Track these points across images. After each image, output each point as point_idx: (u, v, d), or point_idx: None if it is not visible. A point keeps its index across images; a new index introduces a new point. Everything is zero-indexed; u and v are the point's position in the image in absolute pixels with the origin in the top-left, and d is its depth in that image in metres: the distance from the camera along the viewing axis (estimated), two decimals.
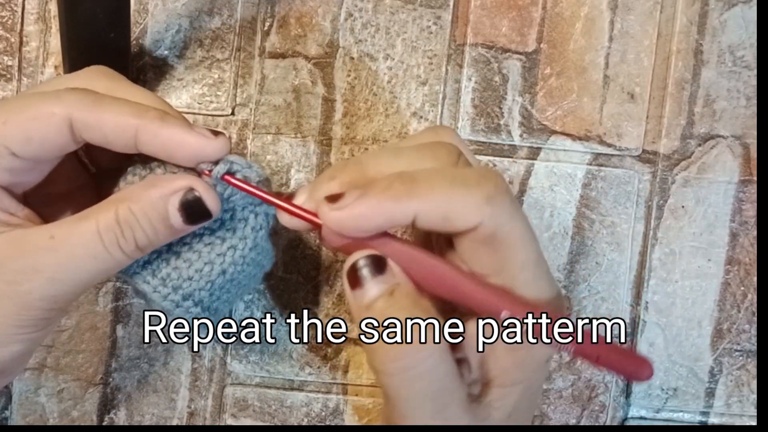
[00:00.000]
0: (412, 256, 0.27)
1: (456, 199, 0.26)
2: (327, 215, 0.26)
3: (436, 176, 0.26)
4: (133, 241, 0.27)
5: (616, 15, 0.41)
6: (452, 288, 0.27)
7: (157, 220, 0.27)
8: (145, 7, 0.39)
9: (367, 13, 0.40)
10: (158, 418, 0.41)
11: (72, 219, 0.27)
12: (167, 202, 0.27)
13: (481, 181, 0.26)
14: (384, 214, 0.26)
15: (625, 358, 0.27)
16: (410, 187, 0.26)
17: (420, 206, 0.25)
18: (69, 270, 0.27)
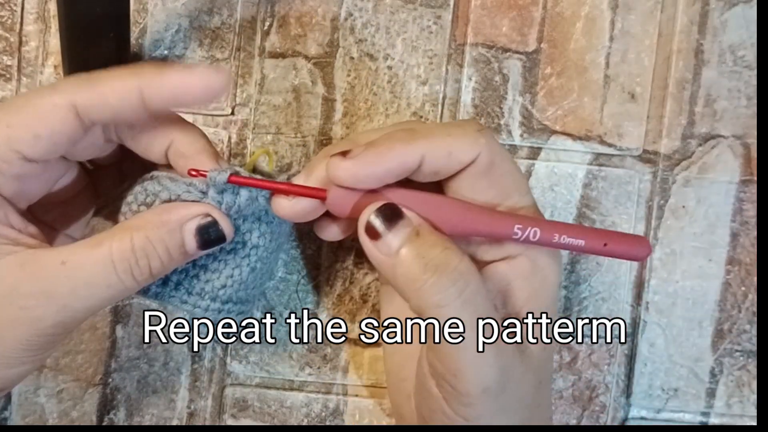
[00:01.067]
0: (422, 198, 0.28)
1: (454, 136, 0.28)
2: (339, 167, 0.27)
3: (430, 125, 0.29)
4: (148, 269, 0.27)
5: (617, 15, 0.41)
6: (464, 220, 0.28)
7: (173, 247, 0.27)
8: (145, 7, 0.39)
9: (367, 12, 0.40)
10: (158, 418, 0.41)
11: (85, 245, 0.27)
12: (183, 229, 0.27)
13: (467, 121, 0.29)
14: (395, 157, 0.27)
15: (627, 239, 0.29)
16: (412, 133, 0.28)
17: (426, 146, 0.27)
18: (81, 297, 0.27)
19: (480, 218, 0.28)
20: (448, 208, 0.28)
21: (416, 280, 0.27)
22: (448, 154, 0.28)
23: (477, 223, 0.28)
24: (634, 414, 0.42)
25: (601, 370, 0.42)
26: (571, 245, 0.28)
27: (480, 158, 0.28)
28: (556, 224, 0.28)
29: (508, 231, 0.28)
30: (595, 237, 0.29)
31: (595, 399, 0.42)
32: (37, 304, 0.27)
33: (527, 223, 0.28)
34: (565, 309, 0.41)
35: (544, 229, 0.28)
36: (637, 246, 0.29)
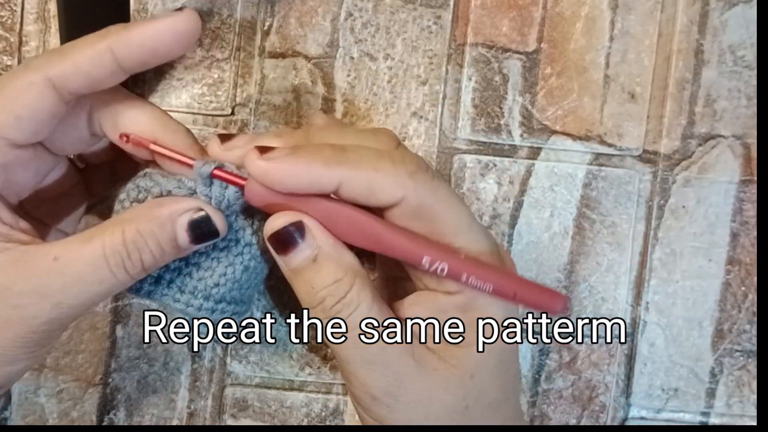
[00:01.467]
0: (334, 210, 0.27)
1: (381, 172, 0.27)
2: (253, 164, 0.26)
3: (364, 150, 0.27)
4: (140, 263, 0.27)
5: (617, 15, 0.41)
6: (376, 240, 0.27)
7: (165, 241, 0.27)
8: (145, 7, 0.39)
9: (367, 12, 0.40)
10: (158, 418, 0.41)
11: (76, 240, 0.27)
12: (175, 223, 0.27)
13: (405, 158, 0.27)
14: (310, 175, 0.26)
15: (540, 293, 0.28)
16: (340, 155, 0.26)
17: (346, 174, 0.26)
18: (74, 294, 0.27)
19: (389, 238, 0.27)
20: (361, 225, 0.27)
21: (306, 303, 0.28)
22: (368, 190, 0.27)
23: (386, 242, 0.27)
24: (634, 414, 0.42)
25: (601, 370, 0.42)
26: (478, 287, 0.27)
27: (405, 202, 0.27)
28: (469, 264, 0.27)
29: (416, 260, 0.27)
30: (506, 285, 0.27)
31: (595, 399, 0.42)
32: (31, 302, 0.26)
33: (436, 257, 0.27)
34: None
35: (452, 266, 0.27)
36: (550, 301, 0.28)
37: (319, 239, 0.27)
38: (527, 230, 0.41)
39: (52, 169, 0.31)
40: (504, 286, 0.28)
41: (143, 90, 0.39)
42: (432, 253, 0.27)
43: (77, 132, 0.29)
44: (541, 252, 0.41)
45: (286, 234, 0.27)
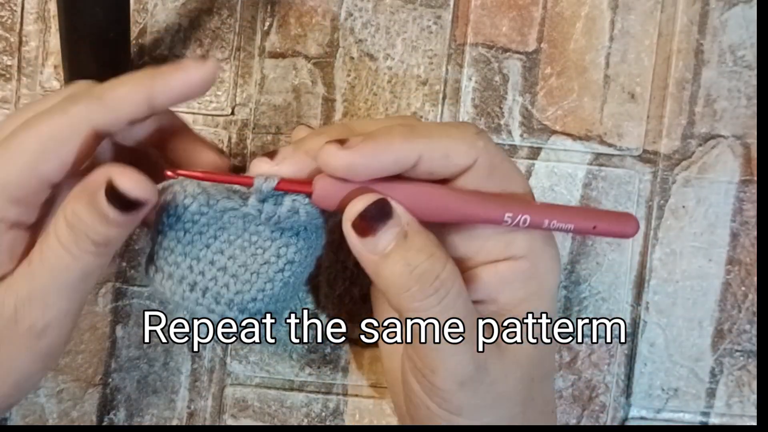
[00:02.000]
0: (411, 189, 0.27)
1: (452, 138, 0.27)
2: (335, 156, 0.26)
3: (428, 124, 0.29)
4: (89, 240, 0.26)
5: (617, 15, 0.41)
6: (457, 209, 0.28)
7: (95, 214, 0.26)
8: (145, 7, 0.39)
9: (367, 12, 0.40)
10: (158, 418, 0.41)
11: (40, 239, 0.27)
12: (98, 195, 0.26)
13: (465, 124, 0.29)
14: (393, 153, 0.26)
15: (616, 218, 0.30)
16: (412, 130, 0.27)
17: (425, 145, 0.27)
18: (53, 290, 0.27)
19: (469, 205, 0.28)
20: (436, 197, 0.28)
21: (400, 287, 0.27)
22: (445, 156, 0.27)
23: (467, 209, 0.28)
24: (634, 414, 0.42)
25: (601, 370, 0.42)
26: (561, 229, 0.29)
27: (478, 163, 0.27)
28: (545, 209, 0.28)
29: (498, 218, 0.28)
30: (585, 219, 0.29)
31: (595, 399, 0.42)
32: (24, 316, 0.27)
33: (517, 210, 0.28)
34: (565, 309, 0.41)
35: (534, 215, 0.28)
36: (625, 224, 0.29)
37: (403, 217, 0.27)
38: None
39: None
40: (583, 221, 0.29)
41: None
42: (512, 208, 0.28)
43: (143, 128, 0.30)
44: None
45: (372, 213, 0.26)
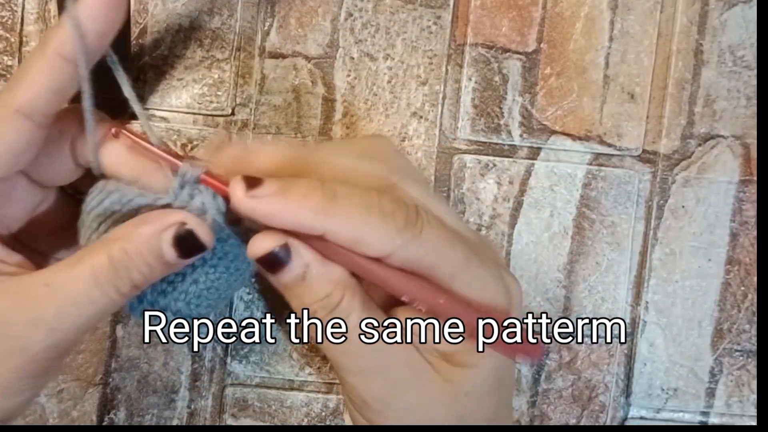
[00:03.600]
0: (320, 241, 0.27)
1: (370, 226, 0.26)
2: (240, 199, 0.26)
3: (355, 196, 0.26)
4: (129, 281, 0.27)
5: (617, 15, 0.41)
6: (360, 272, 0.27)
7: (152, 258, 0.27)
8: (145, 7, 0.39)
9: (367, 13, 0.40)
10: (158, 418, 0.41)
11: (65, 264, 0.27)
12: (160, 239, 0.27)
13: (396, 210, 0.26)
14: (295, 221, 0.26)
15: (516, 347, 0.28)
16: (329, 202, 0.26)
17: (333, 226, 0.26)
18: (69, 318, 0.26)
19: (373, 276, 0.27)
20: (346, 259, 0.27)
21: (296, 311, 0.28)
22: (354, 242, 0.26)
23: (370, 278, 0.27)
24: (634, 414, 0.42)
25: (600, 370, 0.42)
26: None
27: (393, 257, 0.26)
28: (447, 306, 0.27)
29: (398, 296, 0.27)
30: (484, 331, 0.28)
31: (595, 399, 0.42)
32: (26, 332, 0.26)
33: (416, 297, 0.27)
34: (565, 309, 0.41)
35: (430, 308, 0.27)
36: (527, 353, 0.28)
37: (306, 257, 0.27)
38: (527, 230, 0.41)
39: (42, 201, 0.30)
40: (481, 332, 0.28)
41: (143, 91, 0.40)
42: (412, 293, 0.27)
43: (62, 164, 0.29)
44: (540, 252, 0.41)
45: (272, 257, 0.27)
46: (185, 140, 0.40)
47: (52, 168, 0.29)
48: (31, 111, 0.26)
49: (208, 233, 0.27)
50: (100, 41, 0.26)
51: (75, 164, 0.30)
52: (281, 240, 0.26)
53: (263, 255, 0.26)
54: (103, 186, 0.29)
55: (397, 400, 0.28)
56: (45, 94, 0.26)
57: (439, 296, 0.27)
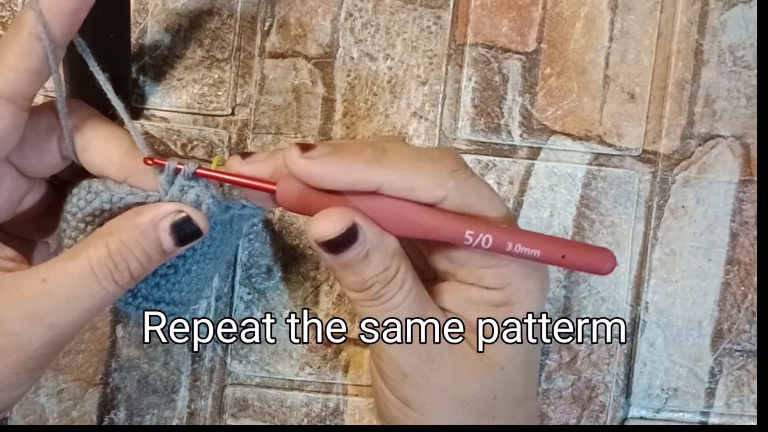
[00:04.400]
0: (373, 203, 0.27)
1: (422, 173, 0.26)
2: (295, 161, 0.26)
3: (404, 149, 0.27)
4: (128, 272, 0.27)
5: (616, 15, 0.41)
6: (417, 224, 0.27)
7: (150, 247, 0.27)
8: (145, 7, 0.39)
9: (367, 13, 0.40)
10: (158, 418, 0.41)
11: (61, 259, 0.27)
12: (158, 228, 0.27)
13: (444, 156, 0.27)
14: (352, 175, 0.26)
15: (589, 251, 0.27)
16: (381, 155, 0.26)
17: (388, 176, 0.26)
18: (67, 313, 0.27)
19: (432, 223, 0.27)
20: (400, 213, 0.27)
21: (350, 288, 0.28)
22: (410, 190, 0.26)
23: (428, 228, 0.27)
24: (634, 414, 0.42)
25: (600, 370, 0.42)
26: (525, 255, 0.27)
27: (448, 200, 0.27)
28: (511, 232, 0.27)
29: (459, 237, 0.27)
30: (553, 247, 0.27)
31: (595, 399, 0.42)
32: (24, 328, 0.26)
33: (479, 229, 0.27)
34: (565, 309, 0.41)
35: (496, 237, 0.27)
36: (600, 259, 0.27)
37: (369, 234, 0.27)
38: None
39: (28, 191, 0.31)
40: (551, 248, 0.27)
41: (143, 90, 0.40)
42: (475, 227, 0.27)
43: (49, 156, 0.29)
44: None
45: (340, 240, 0.26)
46: (185, 140, 0.40)
47: (39, 160, 0.29)
48: (13, 94, 0.26)
49: (204, 219, 0.28)
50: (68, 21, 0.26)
51: (61, 157, 0.30)
52: (346, 220, 0.26)
53: (334, 237, 0.26)
54: (89, 186, 0.29)
55: (435, 373, 0.28)
56: (25, 77, 0.26)
57: (499, 224, 0.27)
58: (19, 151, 0.29)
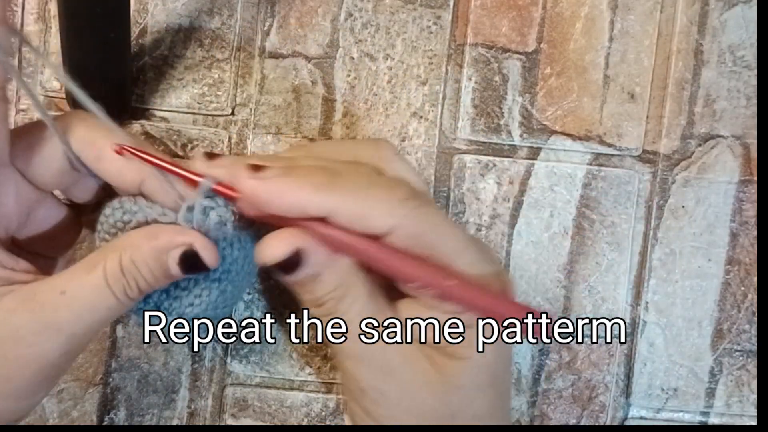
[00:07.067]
0: (327, 232, 0.27)
1: (372, 199, 0.26)
2: (244, 182, 0.26)
3: (357, 175, 0.27)
4: (137, 288, 0.28)
5: (617, 15, 0.41)
6: (368, 261, 0.27)
7: (158, 270, 0.28)
8: (145, 7, 0.39)
9: (367, 12, 0.40)
10: (158, 418, 0.41)
11: (79, 270, 0.28)
12: (168, 255, 0.28)
13: (397, 185, 0.27)
14: (299, 201, 0.26)
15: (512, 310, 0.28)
16: (332, 180, 0.26)
17: (337, 203, 0.26)
18: (86, 324, 0.27)
19: (381, 263, 0.27)
20: (353, 247, 0.27)
21: (305, 305, 0.29)
22: (359, 217, 0.26)
23: (378, 267, 0.27)
24: (634, 414, 0.42)
25: (600, 370, 0.42)
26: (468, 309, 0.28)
27: (398, 231, 0.26)
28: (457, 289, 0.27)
29: (403, 281, 0.27)
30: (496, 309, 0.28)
31: (595, 399, 0.42)
32: (44, 339, 0.27)
33: (425, 282, 0.27)
34: (565, 309, 0.41)
35: (437, 290, 0.27)
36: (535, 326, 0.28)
37: (317, 257, 0.27)
38: (527, 230, 0.41)
39: (38, 201, 0.31)
40: (493, 310, 0.28)
41: (143, 90, 0.40)
42: (421, 278, 0.27)
43: (55, 163, 0.29)
44: (540, 252, 0.41)
45: (286, 263, 0.27)
46: (185, 140, 0.40)
47: (46, 168, 0.30)
48: None
49: (213, 256, 0.28)
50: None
51: (71, 167, 0.30)
52: (293, 243, 0.26)
53: (280, 262, 0.27)
54: (120, 204, 0.29)
55: (391, 388, 0.28)
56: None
57: (448, 278, 0.27)
58: (23, 156, 0.29)
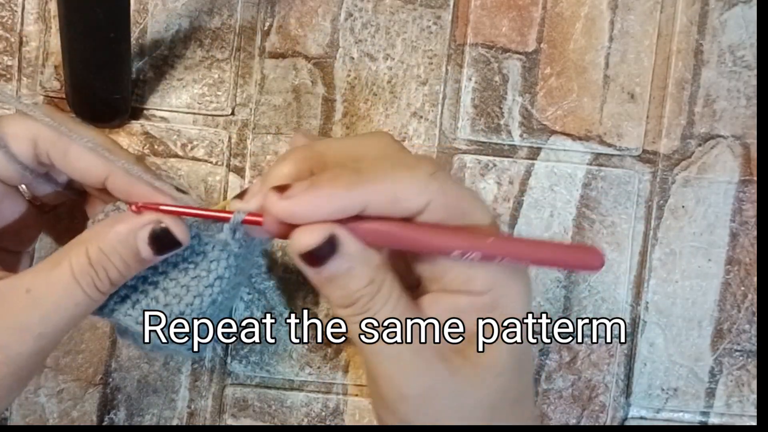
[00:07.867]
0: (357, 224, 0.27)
1: (402, 182, 0.26)
2: (275, 206, 0.26)
3: (378, 162, 0.27)
4: (107, 279, 0.27)
5: (617, 15, 0.41)
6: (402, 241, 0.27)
7: (128, 255, 0.27)
8: (145, 7, 0.39)
9: (367, 13, 0.40)
10: (158, 418, 0.41)
11: (44, 268, 0.27)
12: (136, 237, 0.27)
13: (420, 161, 0.27)
14: (335, 203, 0.26)
15: (580, 252, 0.28)
16: (357, 175, 0.26)
17: (369, 194, 0.26)
18: (54, 322, 0.27)
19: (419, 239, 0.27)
20: (386, 232, 0.27)
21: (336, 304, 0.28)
22: (393, 202, 0.26)
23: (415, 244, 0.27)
24: (634, 414, 0.42)
25: (600, 370, 0.42)
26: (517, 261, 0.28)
27: (432, 205, 0.26)
28: (499, 244, 0.27)
29: (446, 252, 0.27)
30: (543, 254, 0.28)
31: (595, 399, 0.42)
32: (13, 341, 0.27)
33: (467, 245, 0.27)
34: (565, 309, 0.41)
35: (485, 251, 0.27)
36: (588, 258, 0.28)
37: (351, 247, 0.26)
38: (527, 230, 0.41)
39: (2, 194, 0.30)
40: (541, 255, 0.28)
41: (143, 90, 0.40)
42: (463, 243, 0.27)
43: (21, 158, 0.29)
44: None
45: (319, 251, 0.26)
46: (185, 140, 0.40)
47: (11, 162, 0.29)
48: None
49: (183, 230, 0.28)
50: None
51: (37, 162, 0.30)
52: (327, 231, 0.26)
53: (314, 248, 0.26)
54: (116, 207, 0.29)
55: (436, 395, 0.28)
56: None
57: (485, 237, 0.27)
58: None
